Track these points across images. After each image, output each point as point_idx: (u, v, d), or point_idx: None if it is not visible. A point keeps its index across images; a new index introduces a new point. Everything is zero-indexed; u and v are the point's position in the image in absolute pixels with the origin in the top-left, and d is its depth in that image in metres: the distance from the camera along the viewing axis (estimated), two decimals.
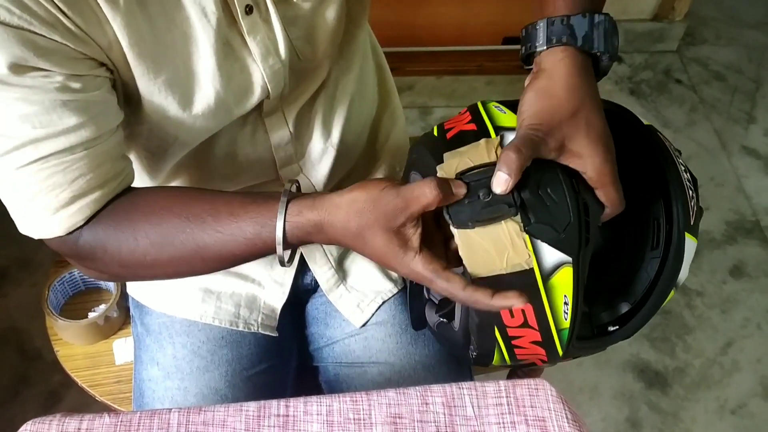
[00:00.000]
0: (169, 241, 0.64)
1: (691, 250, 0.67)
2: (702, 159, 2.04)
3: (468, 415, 0.63)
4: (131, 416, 0.63)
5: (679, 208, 0.66)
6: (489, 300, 0.56)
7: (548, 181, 0.58)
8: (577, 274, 0.59)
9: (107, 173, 0.65)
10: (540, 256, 0.58)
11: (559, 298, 0.59)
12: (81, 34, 0.58)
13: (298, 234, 0.61)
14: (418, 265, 0.57)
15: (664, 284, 0.67)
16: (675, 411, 1.58)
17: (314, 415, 0.63)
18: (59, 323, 0.97)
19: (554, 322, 0.61)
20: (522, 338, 0.62)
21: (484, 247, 0.57)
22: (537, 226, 0.57)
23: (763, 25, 2.42)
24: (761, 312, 1.74)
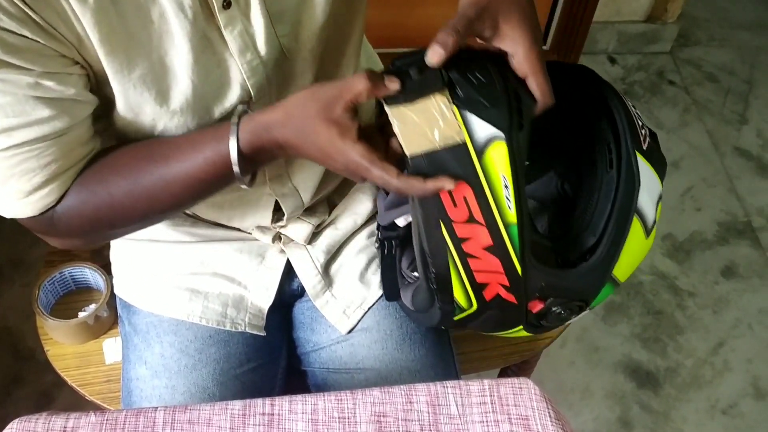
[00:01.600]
0: (140, 185, 0.67)
1: (650, 179, 0.68)
2: (694, 160, 2.05)
3: (452, 413, 0.63)
4: (117, 415, 0.63)
5: (625, 127, 0.67)
6: (422, 184, 0.59)
7: (476, 66, 0.61)
8: (512, 153, 0.60)
9: (78, 156, 0.67)
10: (471, 129, 0.59)
11: (497, 180, 0.60)
12: (50, 29, 0.58)
13: (251, 139, 0.64)
14: (356, 154, 0.60)
15: (622, 209, 0.67)
16: (666, 411, 1.58)
17: (299, 414, 0.63)
18: (49, 323, 0.97)
19: (499, 212, 0.61)
20: (471, 240, 0.62)
21: (416, 122, 0.59)
22: (465, 99, 0.60)
23: (755, 27, 2.43)
24: (753, 312, 1.75)
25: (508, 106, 0.60)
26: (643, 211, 0.68)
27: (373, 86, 0.58)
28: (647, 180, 0.68)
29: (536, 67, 0.62)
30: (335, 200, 0.92)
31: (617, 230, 0.67)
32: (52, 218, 0.68)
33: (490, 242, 0.62)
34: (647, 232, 0.69)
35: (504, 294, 0.66)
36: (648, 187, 0.68)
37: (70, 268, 1.02)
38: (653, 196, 0.69)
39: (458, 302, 0.68)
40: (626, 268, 0.70)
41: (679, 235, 1.88)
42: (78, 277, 1.03)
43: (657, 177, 0.69)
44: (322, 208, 0.90)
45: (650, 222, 0.69)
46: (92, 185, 0.68)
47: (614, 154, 0.67)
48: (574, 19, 2.03)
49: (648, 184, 0.68)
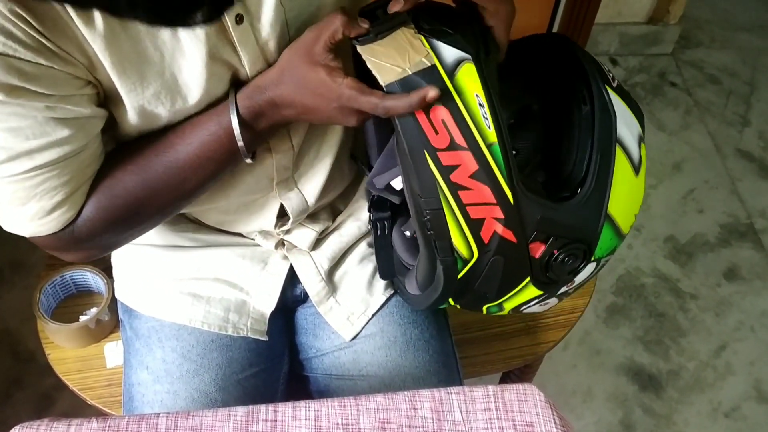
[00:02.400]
0: (155, 177, 0.69)
1: (625, 114, 0.70)
2: (696, 162, 2.04)
3: (456, 420, 0.63)
4: (119, 421, 0.62)
5: (593, 68, 0.70)
6: (408, 97, 0.60)
7: (441, 6, 0.66)
8: (481, 72, 0.62)
9: (93, 170, 0.69)
10: (439, 53, 0.62)
11: (471, 99, 0.62)
12: (65, 54, 0.59)
13: (249, 104, 0.66)
14: (346, 88, 0.62)
15: (602, 139, 0.68)
16: (668, 414, 1.58)
17: (302, 420, 0.63)
18: (50, 326, 0.97)
19: (478, 132, 0.62)
20: (459, 170, 0.63)
21: (387, 53, 0.62)
22: (431, 30, 0.63)
23: (757, 28, 2.43)
24: (755, 315, 1.74)
25: (472, 34, 0.64)
26: (625, 143, 0.69)
27: (346, 21, 0.61)
28: (623, 114, 0.70)
29: (501, 24, 0.66)
30: (339, 207, 0.92)
31: (602, 159, 0.68)
32: (73, 231, 0.69)
33: (475, 167, 0.63)
34: (635, 169, 0.70)
35: (501, 231, 0.65)
36: (625, 122, 0.69)
37: (71, 271, 1.02)
38: (633, 132, 0.70)
39: (458, 251, 0.67)
40: (623, 210, 0.70)
41: (681, 237, 1.88)
42: (79, 280, 1.03)
43: (633, 116, 0.71)
44: (325, 215, 0.90)
45: (636, 157, 0.70)
46: (108, 189, 0.69)
47: (585, 92, 0.70)
48: (575, 21, 2.02)
49: (625, 119, 0.70)
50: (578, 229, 0.68)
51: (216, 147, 0.68)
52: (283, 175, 0.80)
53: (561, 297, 0.76)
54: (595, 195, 0.68)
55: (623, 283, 1.78)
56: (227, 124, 0.67)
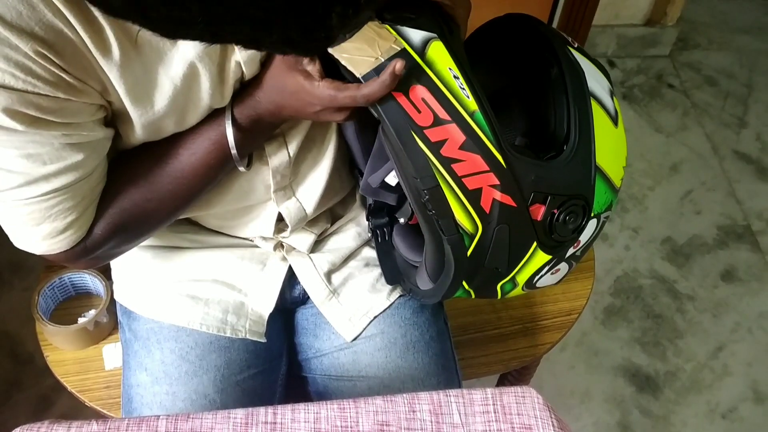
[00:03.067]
0: (160, 187, 0.71)
1: (590, 69, 0.73)
2: (694, 163, 2.05)
3: (455, 422, 0.63)
4: (119, 423, 0.62)
5: (554, 34, 0.73)
6: (379, 80, 0.62)
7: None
8: (450, 47, 0.64)
9: (102, 188, 0.71)
10: (406, 37, 0.64)
11: (446, 72, 0.64)
12: (81, 86, 0.60)
13: (248, 112, 0.69)
14: (324, 89, 0.64)
15: (576, 95, 0.70)
16: (666, 415, 1.58)
17: (302, 423, 0.63)
18: (49, 328, 0.97)
19: (459, 103, 0.64)
20: (448, 143, 0.64)
21: (356, 47, 0.64)
22: (393, 19, 0.65)
23: (755, 30, 2.44)
24: (752, 316, 1.75)
25: (432, 15, 0.66)
26: (598, 96, 0.71)
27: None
28: (589, 70, 0.72)
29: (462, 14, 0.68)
30: (339, 212, 0.92)
31: (580, 114, 0.70)
32: (85, 246, 0.71)
33: (463, 137, 0.64)
34: (613, 120, 0.72)
35: (500, 197, 0.67)
36: (593, 77, 0.72)
37: (69, 273, 1.02)
38: (603, 86, 0.73)
39: (462, 226, 0.68)
40: (611, 160, 0.72)
41: (679, 238, 1.88)
42: (78, 282, 1.03)
43: (599, 71, 0.73)
44: (324, 218, 0.90)
45: (611, 109, 0.72)
46: (118, 204, 0.71)
47: (551, 56, 0.72)
48: (573, 23, 2.03)
49: (592, 74, 0.72)
50: (573, 184, 0.70)
51: (217, 154, 0.70)
52: (281, 183, 0.80)
53: (570, 262, 0.77)
54: (581, 148, 0.70)
55: (621, 285, 1.78)
56: (224, 131, 0.69)
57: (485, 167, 0.65)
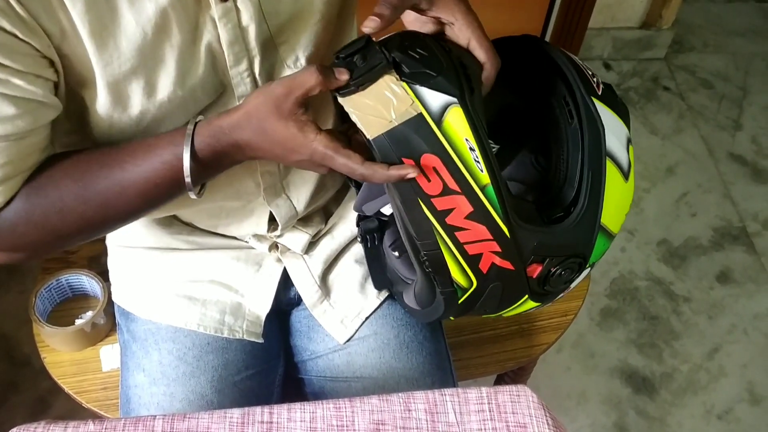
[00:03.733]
0: (93, 190, 0.65)
1: (613, 122, 0.69)
2: (689, 165, 2.05)
3: (450, 421, 0.63)
4: (116, 423, 0.63)
5: (575, 77, 0.69)
6: (386, 171, 0.59)
7: (415, 42, 0.63)
8: (468, 113, 0.61)
9: (32, 162, 0.66)
10: (424, 100, 0.61)
11: (461, 144, 0.61)
12: (32, 22, 0.57)
13: (211, 142, 0.63)
14: (320, 145, 0.61)
15: (593, 155, 0.67)
16: (662, 416, 1.59)
17: (298, 422, 0.63)
18: (46, 330, 0.97)
19: (471, 177, 0.61)
20: (453, 212, 0.63)
21: (371, 105, 0.61)
22: (412, 74, 0.61)
23: (749, 33, 2.45)
24: (748, 318, 1.76)
25: (455, 72, 0.62)
26: (614, 154, 0.68)
27: (325, 79, 0.59)
28: (610, 123, 0.69)
29: (477, 30, 0.64)
30: (331, 209, 0.92)
31: (593, 176, 0.68)
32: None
33: (470, 208, 0.63)
34: (625, 175, 0.70)
35: (499, 262, 0.66)
36: (613, 131, 0.69)
37: (66, 275, 1.02)
38: (621, 139, 0.70)
39: (458, 282, 0.68)
40: (615, 216, 0.70)
41: (675, 240, 1.89)
42: (75, 284, 1.03)
43: (620, 120, 0.70)
44: (318, 218, 0.90)
45: (625, 165, 0.69)
46: (43, 188, 0.66)
47: (572, 105, 0.69)
48: (569, 26, 2.04)
49: (612, 128, 0.69)
50: (573, 246, 0.69)
51: (168, 175, 0.65)
52: (269, 181, 0.80)
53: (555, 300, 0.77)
54: (588, 212, 0.68)
55: (617, 286, 1.79)
56: (182, 154, 0.64)
57: (489, 236, 0.64)
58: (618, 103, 0.72)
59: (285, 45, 0.71)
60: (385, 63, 0.60)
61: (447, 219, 0.63)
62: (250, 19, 0.66)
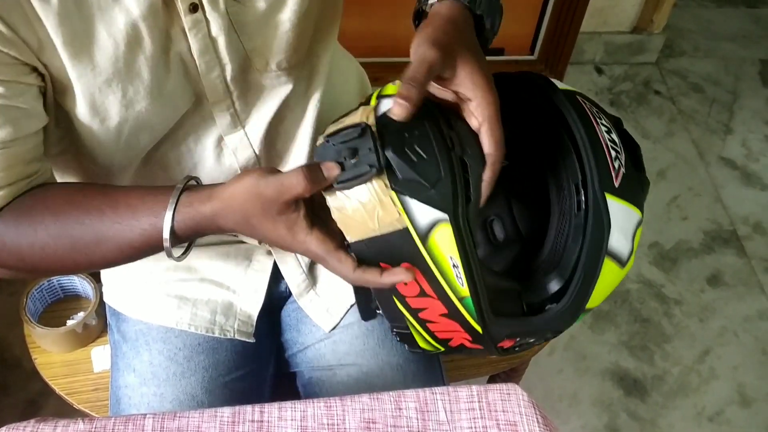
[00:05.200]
0: (68, 233, 0.65)
1: (624, 215, 0.63)
2: (680, 169, 2.07)
3: (441, 419, 0.64)
4: (105, 422, 0.63)
5: (592, 167, 0.62)
6: (379, 278, 0.58)
7: (418, 137, 0.57)
8: (458, 232, 0.57)
9: (17, 175, 0.66)
10: (412, 215, 0.56)
11: (444, 261, 0.57)
12: (10, 34, 0.57)
13: (190, 224, 0.62)
14: (312, 245, 0.60)
15: (590, 255, 0.62)
16: (653, 418, 1.59)
17: (288, 421, 0.63)
18: (37, 331, 0.97)
19: (450, 289, 0.59)
20: (428, 310, 0.61)
21: (355, 209, 0.57)
22: (404, 183, 0.56)
23: (740, 38, 2.47)
24: (738, 320, 1.76)
25: (452, 181, 0.57)
26: (615, 252, 0.64)
27: (312, 183, 0.57)
28: (621, 218, 0.63)
29: (493, 116, 0.60)
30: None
31: (586, 275, 0.63)
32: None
33: (445, 311, 0.61)
34: (622, 264, 0.65)
35: (469, 345, 0.65)
36: (621, 226, 0.63)
37: (58, 275, 1.02)
38: (628, 231, 0.65)
39: (424, 348, 0.68)
40: (599, 298, 0.66)
41: (666, 243, 1.90)
42: (66, 285, 1.03)
43: (634, 209, 0.65)
44: None
45: (625, 256, 0.65)
46: (21, 216, 0.65)
47: (582, 195, 0.63)
48: (561, 30, 2.05)
49: (622, 222, 0.63)
50: (550, 330, 0.66)
51: (145, 242, 0.64)
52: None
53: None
54: (572, 306, 0.64)
55: None
56: (160, 228, 0.62)
57: (461, 330, 0.63)
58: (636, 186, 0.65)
59: (255, 52, 0.71)
60: (377, 167, 0.56)
61: (420, 314, 0.62)
62: (220, 30, 0.67)
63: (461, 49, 0.60)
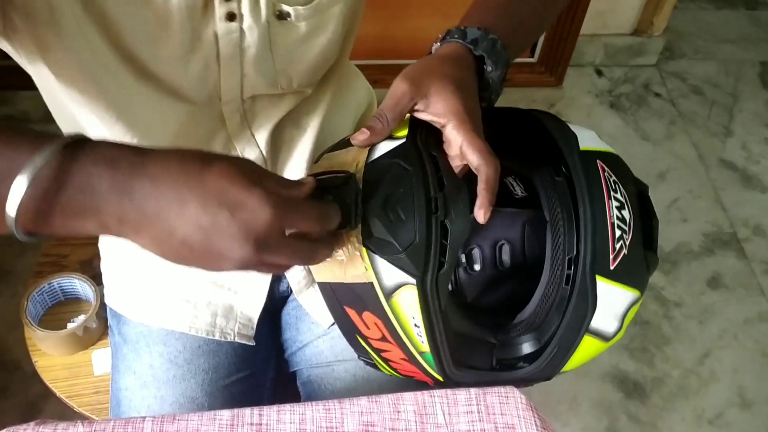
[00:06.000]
0: None
1: (616, 297, 0.61)
2: (680, 172, 2.07)
3: (439, 422, 0.64)
4: (105, 425, 0.63)
5: (587, 247, 0.60)
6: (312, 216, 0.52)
7: (401, 195, 0.56)
8: (424, 298, 0.56)
9: None
10: (379, 274, 0.56)
11: (406, 320, 0.57)
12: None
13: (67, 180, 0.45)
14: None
15: (570, 328, 0.61)
16: (653, 421, 1.59)
17: (287, 424, 0.63)
18: (38, 334, 0.97)
19: (410, 344, 0.59)
20: (389, 352, 0.61)
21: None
22: (376, 241, 0.55)
23: (739, 41, 2.47)
24: (738, 323, 1.76)
25: (425, 248, 0.55)
26: (598, 330, 0.61)
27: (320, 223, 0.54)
28: (610, 300, 0.61)
29: (469, 132, 0.58)
30: None
31: (560, 348, 0.62)
32: None
33: (405, 357, 0.61)
34: (606, 340, 0.63)
35: (433, 383, 0.65)
36: (609, 308, 0.61)
37: (59, 278, 1.02)
38: (618, 312, 0.62)
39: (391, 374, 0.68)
40: (576, 364, 0.64)
41: (666, 245, 1.90)
42: (67, 287, 1.03)
43: (630, 290, 0.62)
44: None
45: (610, 334, 0.62)
46: None
47: (572, 272, 0.60)
48: (561, 32, 2.05)
49: (610, 305, 0.61)
50: (518, 384, 0.66)
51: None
52: None
53: None
54: (543, 372, 0.63)
55: None
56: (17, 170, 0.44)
57: (423, 375, 0.63)
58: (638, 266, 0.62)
59: (283, 72, 0.72)
60: (353, 220, 0.55)
61: (383, 354, 0.63)
62: (252, 43, 0.68)
63: (436, 80, 0.60)
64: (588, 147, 0.64)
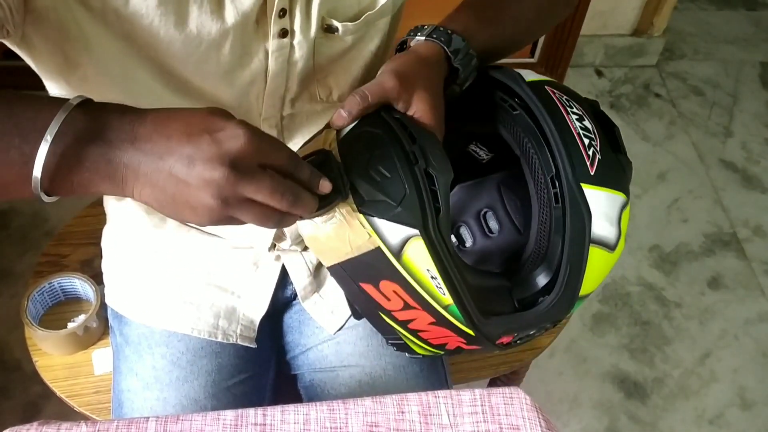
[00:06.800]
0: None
1: (605, 201, 0.63)
2: (680, 172, 2.07)
3: (443, 423, 0.64)
4: (108, 425, 0.63)
5: (564, 158, 0.62)
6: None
7: (379, 157, 0.58)
8: (432, 245, 0.57)
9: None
10: (382, 235, 0.57)
11: (422, 274, 0.58)
12: None
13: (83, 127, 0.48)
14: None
15: (574, 245, 0.62)
16: (654, 421, 1.59)
17: (291, 424, 0.63)
18: (38, 333, 0.97)
19: (433, 299, 0.59)
20: (416, 320, 0.61)
21: (328, 235, 0.58)
22: (370, 204, 0.57)
23: (739, 41, 2.47)
24: (738, 323, 1.76)
25: (418, 196, 0.57)
26: (601, 239, 0.64)
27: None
28: (602, 205, 0.63)
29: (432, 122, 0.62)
30: None
31: (572, 266, 0.63)
32: None
33: (433, 320, 0.61)
34: (611, 249, 0.65)
35: (466, 347, 0.65)
36: (603, 213, 0.63)
37: (59, 278, 1.02)
38: (612, 216, 0.64)
39: (422, 354, 0.68)
40: (593, 284, 0.66)
41: (666, 246, 1.90)
42: (67, 287, 1.03)
43: (616, 192, 0.65)
44: None
45: (613, 241, 0.65)
46: None
47: (558, 188, 0.63)
48: (561, 33, 2.05)
49: (603, 209, 0.63)
50: (546, 322, 0.66)
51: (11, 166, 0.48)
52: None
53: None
54: (564, 296, 0.64)
55: (609, 292, 1.80)
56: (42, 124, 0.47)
57: (453, 335, 0.63)
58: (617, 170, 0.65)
59: (323, 82, 0.74)
60: (342, 191, 0.56)
61: (410, 325, 0.63)
62: (300, 57, 0.69)
63: (420, 88, 0.62)
64: (533, 78, 0.67)
